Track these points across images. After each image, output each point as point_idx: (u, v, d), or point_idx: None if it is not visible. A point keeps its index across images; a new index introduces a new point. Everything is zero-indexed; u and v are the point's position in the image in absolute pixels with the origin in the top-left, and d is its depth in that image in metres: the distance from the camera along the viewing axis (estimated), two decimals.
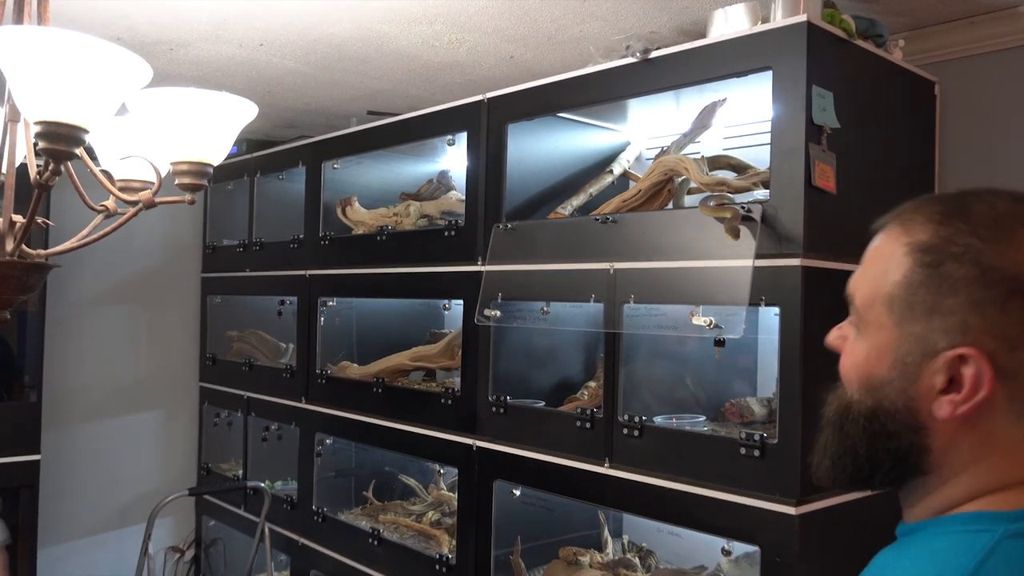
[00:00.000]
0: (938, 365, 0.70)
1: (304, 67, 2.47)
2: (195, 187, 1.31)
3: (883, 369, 0.74)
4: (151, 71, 1.12)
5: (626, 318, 1.86)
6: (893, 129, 1.87)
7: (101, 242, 1.33)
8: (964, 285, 0.69)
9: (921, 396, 0.72)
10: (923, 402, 0.72)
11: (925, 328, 0.71)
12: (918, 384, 0.72)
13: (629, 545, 2.25)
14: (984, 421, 0.70)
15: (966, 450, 0.71)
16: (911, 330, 0.72)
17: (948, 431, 0.71)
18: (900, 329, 0.73)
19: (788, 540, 1.58)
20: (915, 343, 0.72)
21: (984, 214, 0.71)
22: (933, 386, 0.71)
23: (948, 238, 0.71)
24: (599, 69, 1.97)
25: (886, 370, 0.74)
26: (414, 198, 2.77)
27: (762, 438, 1.62)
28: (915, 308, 0.72)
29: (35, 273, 1.23)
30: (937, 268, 0.71)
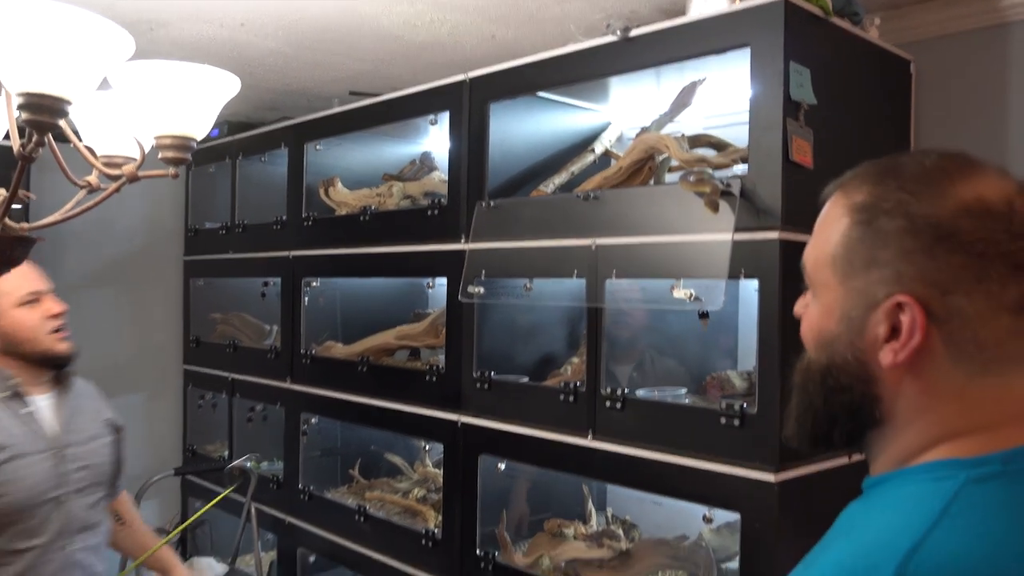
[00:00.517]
0: (879, 316, 0.73)
1: (285, 47, 2.47)
2: (179, 161, 1.31)
3: (832, 325, 0.78)
4: (134, 43, 1.13)
5: (608, 293, 1.89)
6: (869, 106, 1.90)
7: (83, 226, 1.34)
8: (895, 237, 0.72)
9: (867, 347, 0.75)
10: (870, 353, 0.75)
11: (865, 282, 0.74)
12: (864, 336, 0.75)
13: (612, 518, 2.28)
14: (926, 368, 0.73)
15: (913, 397, 0.74)
16: (853, 285, 0.75)
17: (895, 379, 0.74)
18: (844, 286, 0.76)
19: (768, 507, 1.61)
20: (857, 297, 0.75)
21: (913, 170, 0.74)
22: (877, 336, 0.74)
23: (880, 196, 0.74)
24: (580, 48, 1.99)
25: (834, 326, 0.77)
26: (397, 179, 2.78)
27: (742, 408, 1.66)
28: (855, 264, 0.75)
29: (19, 246, 1.23)
30: (870, 224, 0.74)
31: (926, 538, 0.65)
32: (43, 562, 1.74)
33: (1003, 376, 0.72)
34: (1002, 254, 0.69)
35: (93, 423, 1.95)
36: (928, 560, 0.64)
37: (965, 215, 0.70)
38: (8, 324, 1.79)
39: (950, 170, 0.73)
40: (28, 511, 1.73)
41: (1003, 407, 0.72)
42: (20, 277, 1.79)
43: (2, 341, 1.79)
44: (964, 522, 0.66)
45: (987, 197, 0.71)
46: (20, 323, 1.80)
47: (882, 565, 0.65)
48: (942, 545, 0.65)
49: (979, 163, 0.75)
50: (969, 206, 0.70)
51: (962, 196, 0.71)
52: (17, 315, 1.80)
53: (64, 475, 1.81)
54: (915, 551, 0.64)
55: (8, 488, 1.71)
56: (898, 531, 0.67)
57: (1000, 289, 0.70)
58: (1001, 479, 0.69)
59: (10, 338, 1.79)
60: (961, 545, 0.65)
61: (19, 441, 1.75)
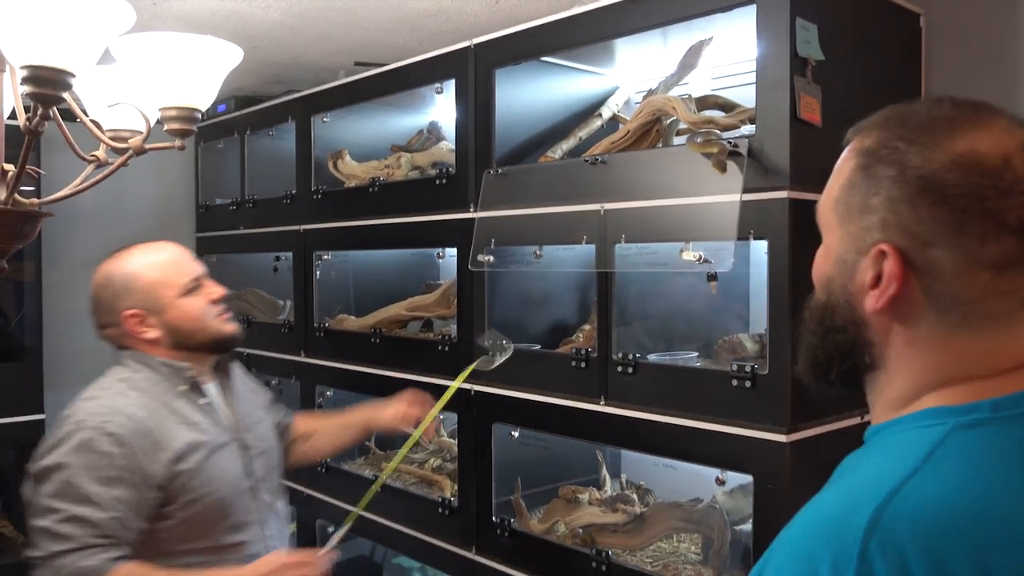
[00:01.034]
0: (867, 262, 0.74)
1: (289, 19, 2.45)
2: (184, 132, 1.32)
3: (829, 266, 0.79)
4: (134, 14, 1.13)
5: (618, 257, 1.88)
6: (878, 61, 1.87)
7: (95, 205, 1.33)
8: (885, 185, 0.73)
9: (856, 292, 0.76)
10: (859, 297, 0.76)
11: (858, 227, 0.75)
12: (854, 280, 0.76)
13: (627, 483, 2.30)
14: (910, 317, 0.73)
15: (901, 345, 0.75)
16: (848, 229, 0.76)
17: (882, 325, 0.76)
18: (842, 229, 0.77)
19: (780, 468, 1.62)
20: (851, 241, 0.76)
21: (919, 118, 0.74)
22: (864, 282, 0.75)
23: (882, 142, 0.74)
24: (585, 10, 1.96)
25: (831, 268, 0.79)
26: (405, 150, 2.77)
27: (753, 369, 1.66)
28: (852, 208, 0.76)
29: (29, 221, 1.24)
30: (867, 170, 0.75)
31: (907, 482, 0.66)
32: (250, 556, 1.66)
33: (986, 331, 0.72)
34: (986, 210, 0.69)
35: (256, 407, 1.89)
36: (907, 502, 0.64)
37: (954, 168, 0.70)
38: (176, 315, 1.69)
39: (956, 120, 0.72)
40: (232, 506, 1.66)
41: (992, 359, 0.72)
42: (177, 265, 1.73)
43: (171, 334, 1.70)
44: (948, 466, 0.67)
45: (981, 151, 0.70)
46: (188, 312, 1.70)
47: (862, 507, 0.65)
48: (922, 488, 0.65)
49: (992, 114, 0.74)
50: (959, 159, 0.70)
51: (955, 148, 0.70)
52: (184, 304, 1.70)
53: (249, 464, 1.74)
54: (895, 493, 0.65)
55: (214, 485, 1.63)
56: (882, 475, 0.68)
57: (979, 246, 0.69)
58: (990, 425, 0.69)
59: (180, 329, 1.70)
60: (942, 488, 0.65)
61: (211, 435, 1.67)
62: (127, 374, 1.69)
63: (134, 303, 1.68)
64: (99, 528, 1.48)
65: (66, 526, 1.47)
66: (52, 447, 1.55)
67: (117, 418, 1.57)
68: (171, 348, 1.71)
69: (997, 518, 0.63)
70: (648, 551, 2.06)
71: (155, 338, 1.69)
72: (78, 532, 1.47)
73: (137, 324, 1.68)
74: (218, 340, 1.75)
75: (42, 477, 1.52)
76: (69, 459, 1.51)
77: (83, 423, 1.55)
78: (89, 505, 1.49)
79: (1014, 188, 0.69)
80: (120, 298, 1.69)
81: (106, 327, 1.73)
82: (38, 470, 1.54)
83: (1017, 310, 0.71)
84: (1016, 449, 0.68)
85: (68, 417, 1.60)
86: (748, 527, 1.83)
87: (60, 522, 1.47)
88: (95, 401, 1.62)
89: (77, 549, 1.46)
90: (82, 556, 1.46)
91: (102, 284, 1.72)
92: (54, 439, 1.56)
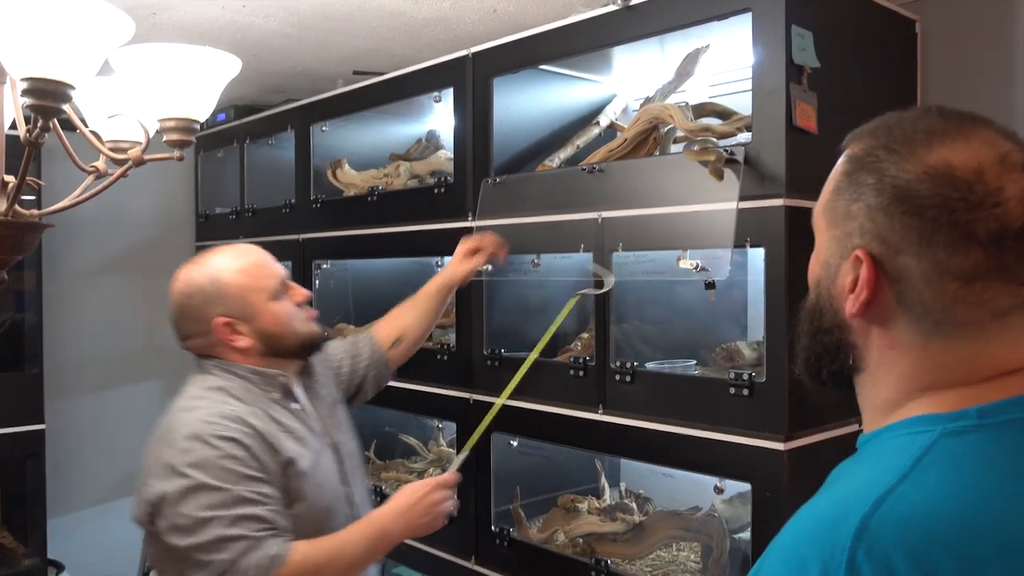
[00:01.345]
0: (847, 266, 0.76)
1: (288, 28, 2.46)
2: (183, 143, 1.33)
3: (817, 269, 0.81)
4: (134, 25, 1.14)
5: (615, 266, 1.89)
6: (874, 68, 1.88)
7: (95, 215, 1.31)
8: (866, 192, 0.74)
9: (839, 295, 0.78)
10: (841, 300, 0.77)
11: (842, 231, 0.77)
12: (836, 283, 0.78)
13: (626, 491, 2.30)
14: (886, 322, 0.75)
15: (882, 348, 0.76)
16: (833, 233, 0.78)
17: (863, 329, 0.77)
18: (829, 232, 0.79)
19: (778, 475, 1.62)
20: (835, 245, 0.78)
21: (905, 128, 0.75)
22: (845, 285, 0.76)
23: (868, 150, 0.76)
24: (582, 18, 1.97)
25: (819, 270, 0.81)
26: (403, 159, 2.78)
27: (750, 377, 1.66)
28: (837, 213, 0.78)
29: (30, 232, 1.25)
30: (852, 176, 0.76)
31: (894, 489, 0.66)
32: None
33: (963, 339, 0.72)
34: (955, 223, 0.69)
35: (335, 405, 1.80)
36: (894, 509, 0.65)
37: (926, 180, 0.71)
38: (267, 321, 1.60)
39: (936, 132, 0.73)
40: (335, 514, 1.60)
41: (971, 367, 0.73)
42: (264, 268, 1.63)
43: (263, 341, 1.60)
44: (935, 473, 0.67)
45: (954, 164, 0.70)
46: (278, 316, 1.61)
47: (851, 514, 0.65)
48: (910, 495, 0.65)
49: (977, 125, 0.74)
50: (932, 171, 0.71)
51: (929, 160, 0.71)
52: (274, 309, 1.61)
53: (342, 468, 1.68)
54: (883, 500, 0.65)
55: (319, 493, 1.57)
56: (871, 482, 0.68)
57: (947, 256, 0.70)
58: (977, 432, 0.70)
59: (271, 334, 1.60)
60: (929, 496, 0.65)
61: (311, 442, 1.61)
62: (219, 383, 1.59)
63: (224, 310, 1.58)
64: (264, 521, 1.44)
65: (234, 529, 1.41)
66: (171, 468, 1.45)
67: (230, 423, 1.49)
68: (261, 355, 1.62)
69: (984, 525, 0.63)
70: (647, 560, 2.06)
71: (246, 346, 1.60)
72: (247, 530, 1.41)
73: (229, 332, 1.58)
74: (307, 343, 1.67)
75: (178, 500, 1.42)
76: (199, 474, 1.42)
77: (198, 434, 1.46)
78: (244, 504, 1.43)
79: (984, 202, 0.69)
80: (209, 305, 1.59)
81: (192, 337, 1.63)
82: (168, 495, 1.43)
83: (989, 320, 0.72)
84: (1003, 456, 0.68)
85: (173, 432, 1.49)
86: (747, 535, 1.83)
87: (226, 527, 1.40)
88: (199, 411, 1.52)
89: (253, 545, 1.40)
90: (260, 548, 1.41)
91: (188, 292, 1.61)
92: (168, 459, 1.46)
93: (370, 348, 2.00)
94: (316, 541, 1.49)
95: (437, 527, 1.65)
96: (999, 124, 0.75)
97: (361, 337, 2.02)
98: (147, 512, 1.47)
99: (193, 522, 1.41)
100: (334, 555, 1.49)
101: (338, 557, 1.50)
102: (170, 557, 1.46)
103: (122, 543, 3.44)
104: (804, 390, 1.60)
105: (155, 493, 1.44)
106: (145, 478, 1.49)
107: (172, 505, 1.42)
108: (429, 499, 1.61)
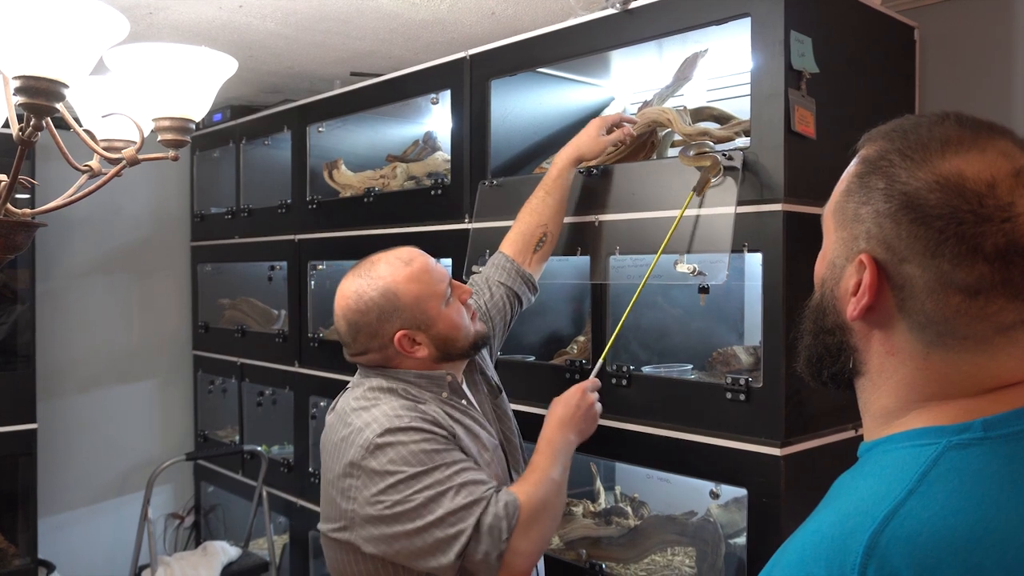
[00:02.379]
0: (852, 269, 0.75)
1: (286, 29, 2.45)
2: (178, 143, 1.32)
3: (823, 269, 0.81)
4: (128, 24, 1.13)
5: (612, 269, 1.88)
6: (873, 74, 1.88)
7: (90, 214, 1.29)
8: (875, 196, 0.73)
9: (842, 296, 0.77)
10: (844, 302, 0.77)
11: (849, 234, 0.76)
12: (840, 285, 0.77)
13: (621, 495, 2.29)
14: (887, 329, 0.74)
15: (883, 355, 0.76)
16: (841, 235, 0.77)
17: (864, 333, 0.77)
18: (837, 234, 0.78)
19: (774, 481, 1.61)
20: (842, 247, 0.77)
21: (921, 134, 0.73)
22: (848, 288, 0.76)
23: (881, 153, 0.75)
24: (580, 22, 1.97)
25: (825, 270, 0.80)
26: (400, 160, 2.77)
27: (747, 382, 1.65)
28: (846, 214, 0.77)
29: (22, 231, 1.24)
30: (863, 179, 0.75)
31: (902, 505, 0.65)
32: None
33: (965, 352, 0.72)
34: (962, 235, 0.68)
35: (498, 393, 1.74)
36: (903, 527, 0.64)
37: (936, 189, 0.69)
38: (444, 327, 1.53)
39: (952, 140, 0.72)
40: None
41: (972, 380, 0.72)
42: (431, 273, 1.55)
43: (439, 348, 1.54)
44: (942, 488, 0.66)
45: (967, 174, 0.69)
46: (452, 321, 1.54)
47: (858, 532, 0.65)
48: (918, 512, 0.65)
49: (994, 136, 0.73)
50: (943, 180, 0.69)
51: (942, 169, 0.70)
52: (448, 314, 1.54)
53: (513, 457, 1.66)
54: (890, 518, 0.65)
55: None
56: (877, 498, 0.67)
57: (951, 268, 0.69)
58: (981, 445, 0.69)
59: (446, 338, 1.54)
60: (937, 512, 0.65)
61: (485, 438, 1.57)
62: (388, 385, 1.53)
63: (401, 323, 1.51)
64: (482, 481, 1.40)
65: (462, 496, 1.36)
66: (372, 471, 1.39)
67: (413, 412, 1.45)
68: (435, 361, 1.55)
69: (992, 542, 0.63)
70: (642, 564, 2.05)
71: (424, 356, 1.54)
72: (475, 494, 1.37)
73: (408, 344, 1.52)
74: (477, 342, 1.61)
75: (393, 492, 1.37)
76: (404, 467, 1.37)
77: (388, 429, 1.41)
78: (459, 473, 1.39)
79: (994, 216, 0.68)
80: (387, 321, 1.50)
81: (368, 352, 1.55)
82: (379, 495, 1.38)
83: (993, 335, 0.71)
84: (1008, 469, 0.67)
85: (355, 433, 1.43)
86: (742, 540, 1.82)
87: (454, 498, 1.36)
88: (377, 408, 1.46)
89: (486, 504, 1.36)
90: (493, 504, 1.37)
91: (362, 309, 1.51)
92: (363, 462, 1.40)
93: (510, 277, 1.85)
94: (522, 479, 1.47)
95: (593, 430, 1.62)
96: (1018, 135, 0.74)
97: (491, 273, 1.85)
98: (341, 525, 1.42)
99: (419, 505, 1.36)
100: (545, 483, 1.46)
101: (549, 484, 1.46)
102: (377, 560, 1.41)
103: (113, 543, 3.44)
104: (801, 396, 1.61)
105: (362, 497, 1.39)
106: (335, 485, 1.44)
107: (386, 503, 1.37)
108: (585, 403, 1.59)
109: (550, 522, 1.45)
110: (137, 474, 3.43)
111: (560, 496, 1.49)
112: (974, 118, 0.75)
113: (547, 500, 1.44)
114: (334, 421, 1.52)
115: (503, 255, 1.87)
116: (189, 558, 3.00)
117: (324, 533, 1.49)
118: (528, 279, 1.87)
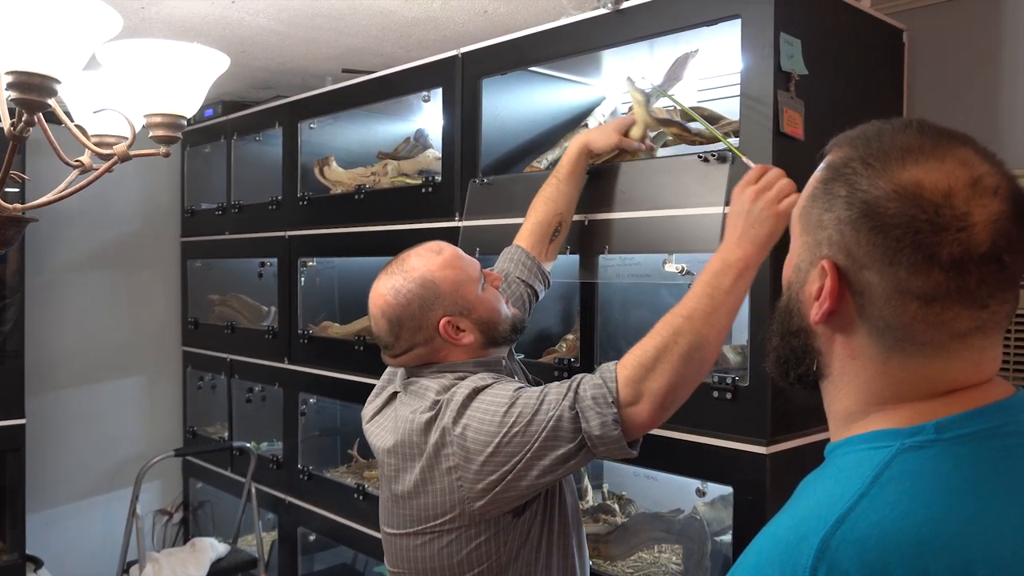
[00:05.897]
0: (815, 273, 0.77)
1: (278, 25, 2.46)
2: (169, 139, 1.32)
3: (789, 272, 0.82)
4: (121, 20, 1.13)
5: (601, 268, 1.89)
6: (862, 76, 1.90)
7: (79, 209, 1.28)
8: (837, 204, 0.74)
9: (806, 300, 0.79)
10: (808, 306, 0.78)
11: (813, 239, 0.77)
12: (805, 289, 0.79)
13: (609, 493, 2.30)
14: (849, 333, 0.76)
15: (844, 357, 0.78)
16: (805, 239, 0.79)
17: (827, 337, 0.78)
18: (802, 238, 0.80)
19: (759, 479, 1.63)
20: (806, 251, 0.79)
21: (883, 142, 0.75)
22: (811, 293, 0.77)
23: (845, 160, 0.76)
24: (572, 21, 1.98)
25: (791, 273, 0.82)
26: (391, 157, 2.78)
27: (734, 381, 1.67)
28: (811, 219, 0.78)
29: (12, 226, 1.24)
30: (827, 185, 0.76)
31: (854, 508, 0.67)
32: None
33: (922, 357, 0.73)
34: (918, 244, 0.69)
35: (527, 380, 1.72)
36: (853, 530, 0.66)
37: (895, 198, 0.70)
38: (484, 310, 1.52)
39: (912, 149, 0.73)
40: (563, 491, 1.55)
41: (929, 384, 0.74)
42: (462, 259, 1.54)
43: (483, 332, 1.52)
44: (893, 490, 0.68)
45: (924, 184, 0.70)
46: (490, 304, 1.53)
47: (811, 535, 0.66)
48: (868, 514, 0.66)
49: (955, 144, 0.73)
50: (901, 190, 0.70)
51: (900, 178, 0.71)
52: (485, 299, 1.53)
53: None
54: (842, 521, 0.66)
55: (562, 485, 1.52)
56: (831, 501, 0.69)
57: (908, 276, 0.70)
58: (935, 447, 0.70)
59: (488, 322, 1.53)
60: (887, 514, 0.66)
61: None
62: (452, 379, 1.51)
63: (444, 310, 1.49)
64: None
65: (554, 392, 1.37)
66: (443, 429, 1.40)
67: (494, 376, 1.46)
68: (482, 347, 1.54)
69: (941, 544, 0.64)
70: (629, 561, 2.07)
71: (471, 342, 1.52)
72: (561, 386, 1.38)
73: (453, 331, 1.50)
74: (516, 325, 1.60)
75: (491, 421, 1.36)
76: (496, 406, 1.38)
77: (473, 387, 1.43)
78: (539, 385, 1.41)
79: (950, 225, 0.68)
80: (430, 309, 1.49)
81: (415, 348, 1.51)
82: (480, 427, 1.37)
83: (949, 341, 0.72)
84: (959, 471, 0.69)
85: (445, 404, 1.43)
86: (728, 538, 1.84)
87: (548, 396, 1.36)
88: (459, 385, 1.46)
89: (580, 380, 1.37)
90: (587, 378, 1.37)
91: (403, 303, 1.49)
92: (450, 424, 1.40)
93: (528, 272, 1.82)
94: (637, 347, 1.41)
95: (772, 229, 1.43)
96: (979, 144, 0.75)
97: (510, 268, 1.82)
98: (441, 511, 1.41)
99: (519, 413, 1.35)
100: (664, 328, 1.39)
101: (667, 327, 1.39)
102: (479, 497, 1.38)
103: (101, 539, 3.43)
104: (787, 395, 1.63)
105: (463, 450, 1.38)
106: (427, 474, 1.43)
107: (489, 432, 1.36)
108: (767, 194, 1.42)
109: (678, 362, 1.36)
110: (126, 470, 3.42)
111: (697, 334, 1.37)
112: (936, 126, 0.76)
113: (664, 346, 1.36)
114: (388, 426, 1.51)
115: (520, 249, 1.83)
116: (177, 554, 3.01)
117: (414, 533, 1.45)
118: (543, 273, 1.85)
